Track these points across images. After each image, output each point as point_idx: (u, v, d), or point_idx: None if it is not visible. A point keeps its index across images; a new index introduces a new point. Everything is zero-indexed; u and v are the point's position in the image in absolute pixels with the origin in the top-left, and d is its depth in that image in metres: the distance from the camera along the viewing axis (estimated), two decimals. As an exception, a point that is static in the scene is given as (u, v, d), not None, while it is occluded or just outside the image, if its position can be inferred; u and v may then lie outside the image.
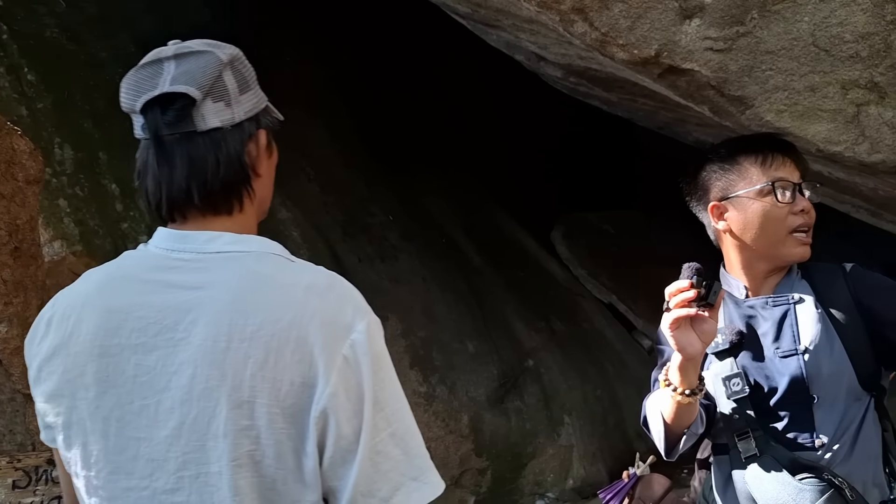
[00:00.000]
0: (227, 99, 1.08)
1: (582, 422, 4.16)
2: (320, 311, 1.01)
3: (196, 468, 0.99)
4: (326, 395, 0.98)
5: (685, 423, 1.62)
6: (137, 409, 1.00)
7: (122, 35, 3.39)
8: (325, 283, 1.06)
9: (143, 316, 1.02)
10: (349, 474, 0.99)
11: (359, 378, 1.01)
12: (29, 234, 2.25)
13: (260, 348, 0.98)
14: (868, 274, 1.65)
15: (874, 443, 1.59)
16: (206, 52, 1.09)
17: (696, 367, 1.54)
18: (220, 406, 0.98)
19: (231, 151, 1.08)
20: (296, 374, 0.98)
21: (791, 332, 1.62)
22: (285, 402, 0.98)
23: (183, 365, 0.99)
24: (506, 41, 3.31)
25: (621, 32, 2.07)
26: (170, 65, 1.06)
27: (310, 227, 3.49)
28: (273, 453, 0.98)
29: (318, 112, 4.16)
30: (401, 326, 3.60)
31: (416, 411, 3.69)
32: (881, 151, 2.00)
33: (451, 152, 5.07)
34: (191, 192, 1.06)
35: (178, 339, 1.00)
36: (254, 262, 1.06)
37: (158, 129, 1.05)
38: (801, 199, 1.64)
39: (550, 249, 5.16)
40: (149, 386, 1.00)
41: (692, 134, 3.39)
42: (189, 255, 1.05)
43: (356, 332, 1.02)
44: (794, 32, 1.94)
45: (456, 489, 3.73)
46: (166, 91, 1.04)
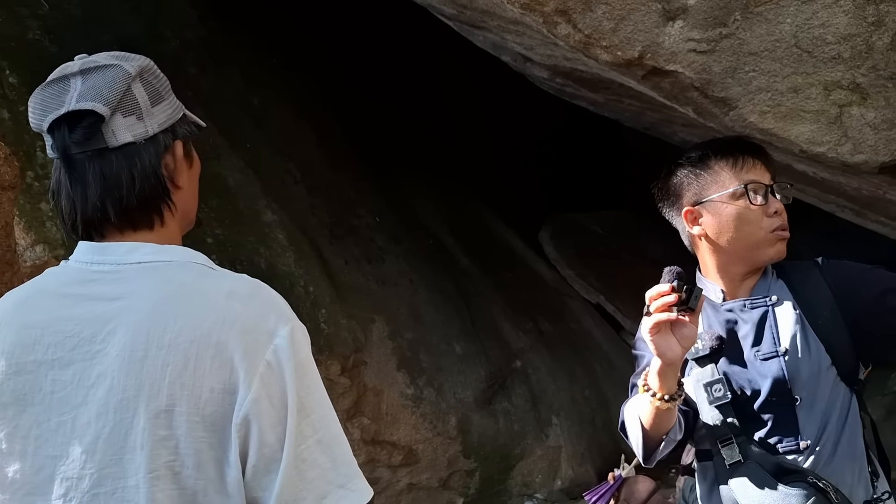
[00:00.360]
0: (139, 112, 1.06)
1: (570, 422, 4.16)
2: (242, 317, 1.00)
3: (112, 483, 0.96)
4: (248, 402, 0.96)
5: (664, 428, 1.62)
6: (55, 426, 0.98)
7: (105, 37, 3.36)
8: (247, 290, 1.04)
9: (60, 330, 1.00)
10: (273, 483, 0.97)
11: (283, 384, 0.98)
12: (4, 241, 2.23)
13: (179, 355, 0.96)
14: (838, 262, 1.68)
15: (857, 440, 1.60)
16: (113, 66, 1.06)
17: (676, 372, 1.55)
18: (137, 417, 0.96)
19: (146, 166, 1.06)
20: (216, 380, 0.96)
21: (771, 334, 1.63)
22: (205, 409, 0.96)
23: (100, 377, 0.97)
24: (492, 42, 3.30)
25: (605, 34, 2.07)
26: (76, 81, 1.05)
27: (296, 230, 3.48)
28: (193, 463, 0.96)
29: (304, 114, 4.15)
30: (388, 328, 3.59)
31: (403, 413, 3.71)
32: (863, 152, 2.01)
33: (438, 154, 5.07)
34: (106, 211, 1.04)
35: (95, 351, 0.98)
36: (174, 271, 1.05)
37: (67, 148, 1.03)
38: (774, 201, 1.65)
39: (538, 250, 5.16)
40: (66, 401, 0.98)
41: (678, 134, 3.40)
42: (109, 266, 1.04)
43: (279, 337, 1.00)
44: (777, 34, 1.95)
45: (444, 491, 3.72)
46: (72, 109, 1.02)
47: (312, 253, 3.47)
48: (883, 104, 1.94)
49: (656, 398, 1.54)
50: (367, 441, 3.39)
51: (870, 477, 1.58)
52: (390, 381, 3.48)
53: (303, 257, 3.36)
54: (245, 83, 3.85)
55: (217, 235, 3.11)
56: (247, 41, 4.08)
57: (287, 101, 4.08)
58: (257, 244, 3.21)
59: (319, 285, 3.34)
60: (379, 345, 3.50)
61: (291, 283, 3.20)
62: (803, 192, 3.20)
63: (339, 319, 3.32)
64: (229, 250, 3.10)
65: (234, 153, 3.45)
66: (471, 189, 5.15)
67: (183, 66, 3.58)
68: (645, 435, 1.64)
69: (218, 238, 3.10)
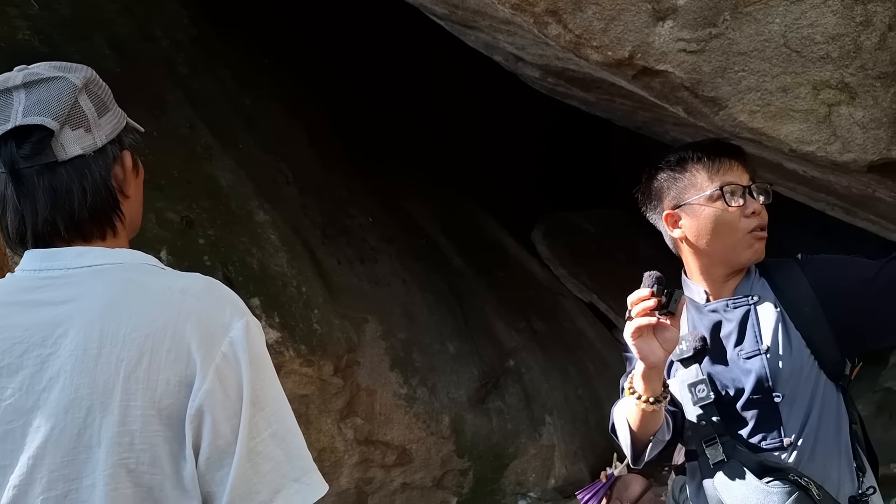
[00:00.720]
0: (87, 124, 1.05)
1: (563, 421, 4.17)
2: (197, 311, 1.00)
3: (64, 486, 0.95)
4: (203, 392, 0.96)
5: (650, 430, 1.64)
6: (1, 435, 0.96)
7: (96, 37, 3.35)
8: (201, 286, 1.05)
9: (7, 338, 0.99)
10: (226, 477, 0.97)
11: (238, 376, 0.99)
12: (-1, 241, 2.23)
13: (133, 350, 0.96)
14: (817, 257, 1.69)
15: (842, 435, 1.60)
16: (59, 78, 1.05)
17: (660, 374, 1.57)
18: (91, 415, 0.95)
19: (97, 178, 1.06)
20: (172, 373, 0.97)
21: (753, 332, 1.64)
22: (161, 402, 0.96)
23: (52, 380, 0.96)
24: (484, 42, 3.31)
25: (595, 34, 2.07)
26: (19, 94, 1.03)
27: (288, 230, 3.47)
28: (148, 459, 0.96)
29: (296, 115, 4.14)
30: (381, 328, 3.59)
31: (396, 413, 3.70)
32: (852, 151, 2.03)
33: (430, 153, 5.07)
34: (56, 225, 1.04)
35: (45, 354, 0.97)
36: (125, 271, 1.05)
37: (15, 162, 1.02)
38: (752, 202, 1.65)
39: (531, 249, 5.17)
40: (13, 409, 0.97)
41: (669, 133, 3.41)
42: (58, 272, 1.03)
43: (235, 329, 1.01)
44: (766, 34, 1.96)
45: (438, 490, 3.72)
46: (20, 124, 1.01)
47: (305, 253, 3.47)
48: (871, 103, 1.95)
49: (641, 401, 1.57)
50: (361, 441, 3.39)
51: (855, 472, 1.58)
52: (383, 380, 3.48)
53: (295, 258, 3.36)
54: (236, 83, 3.85)
55: (209, 236, 3.10)
56: (238, 41, 4.08)
57: (279, 101, 4.07)
58: (250, 245, 3.20)
59: (312, 285, 3.34)
60: (372, 345, 3.50)
61: (284, 284, 3.20)
62: (794, 191, 3.21)
63: (332, 319, 3.32)
64: (222, 251, 3.09)
65: (225, 154, 3.45)
66: (463, 189, 5.15)
67: (174, 67, 3.58)
68: (633, 436, 1.66)
69: (210, 239, 3.10)
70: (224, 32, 4.02)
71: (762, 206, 1.65)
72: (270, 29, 4.37)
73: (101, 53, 3.24)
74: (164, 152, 3.11)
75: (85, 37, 3.29)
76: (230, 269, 3.04)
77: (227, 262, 3.06)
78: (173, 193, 3.07)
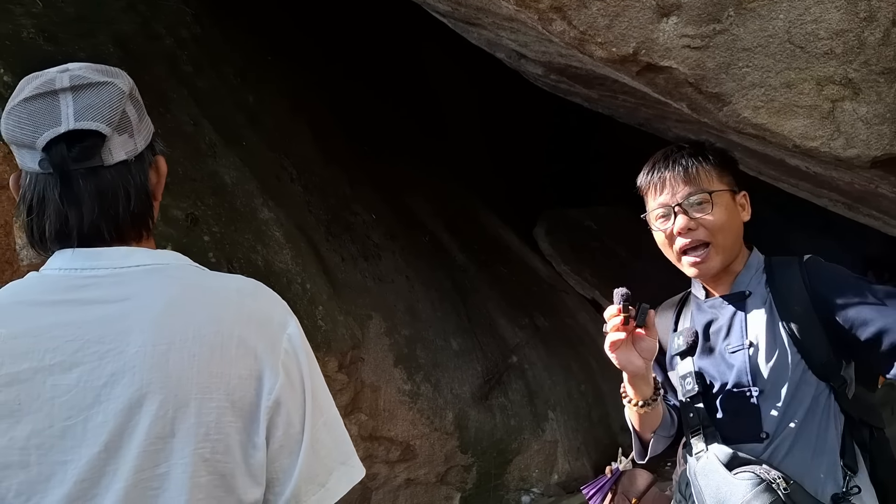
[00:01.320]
0: (130, 130, 1.08)
1: (566, 417, 4.19)
2: (256, 311, 1.07)
3: (138, 475, 0.97)
4: (279, 386, 1.03)
5: (650, 427, 1.76)
6: (59, 431, 0.97)
7: (100, 35, 3.36)
8: (252, 287, 1.11)
9: (58, 335, 0.99)
10: (296, 462, 1.04)
11: (299, 370, 1.07)
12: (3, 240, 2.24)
13: (204, 346, 1.00)
14: (825, 266, 1.68)
15: (829, 434, 1.59)
16: (107, 84, 1.06)
17: (646, 380, 1.68)
18: (163, 408, 0.97)
19: (138, 183, 1.08)
20: (242, 367, 1.01)
21: (740, 327, 1.67)
22: (234, 395, 1.00)
23: (115, 375, 0.98)
24: (487, 39, 3.31)
25: (599, 31, 2.08)
26: (66, 97, 1.04)
27: (293, 227, 3.48)
28: (222, 448, 1.00)
29: (300, 112, 4.15)
30: (384, 325, 3.60)
31: (400, 409, 3.71)
32: (856, 146, 2.03)
33: (433, 151, 5.08)
34: (100, 229, 1.05)
35: (105, 350, 0.98)
36: (175, 271, 1.08)
37: (66, 165, 1.02)
38: (679, 220, 1.66)
39: (533, 246, 5.18)
40: (71, 405, 0.97)
41: (672, 130, 3.42)
42: (105, 271, 1.04)
43: (290, 327, 1.08)
44: (770, 30, 1.96)
45: (441, 486, 3.74)
46: (75, 128, 1.02)
47: (309, 250, 3.48)
48: (875, 99, 1.96)
49: (632, 404, 1.72)
50: (365, 437, 3.40)
51: (843, 470, 1.56)
52: (387, 377, 3.50)
53: (299, 255, 3.37)
54: (240, 81, 3.86)
55: (214, 233, 3.11)
56: (241, 39, 4.09)
57: (282, 98, 4.08)
58: (254, 242, 3.22)
59: (316, 282, 3.35)
60: (376, 341, 3.51)
61: (288, 281, 3.21)
62: (796, 187, 3.22)
63: (337, 316, 3.33)
64: (226, 248, 3.11)
65: (230, 151, 3.46)
66: (466, 186, 5.16)
67: (178, 65, 3.59)
68: (636, 434, 1.79)
69: (215, 236, 3.11)
70: (227, 30, 4.03)
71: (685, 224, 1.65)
72: (273, 26, 4.38)
73: (105, 52, 3.25)
74: (169, 150, 3.12)
75: (89, 35, 3.29)
76: (235, 265, 3.05)
77: (232, 259, 3.07)
78: (178, 191, 3.09)
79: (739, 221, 1.71)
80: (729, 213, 1.67)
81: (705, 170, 1.69)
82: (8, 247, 2.22)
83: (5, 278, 2.19)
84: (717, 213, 1.65)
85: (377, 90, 4.80)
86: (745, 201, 1.74)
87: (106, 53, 3.24)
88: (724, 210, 1.66)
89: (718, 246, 1.66)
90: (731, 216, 1.68)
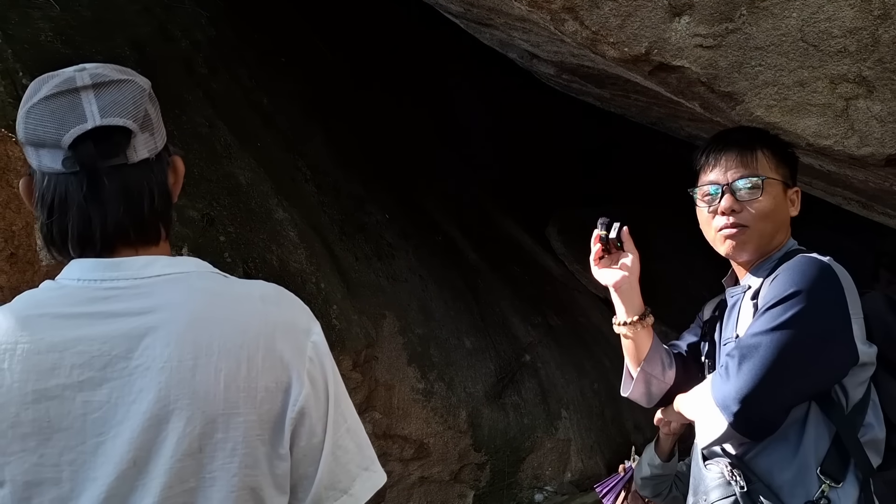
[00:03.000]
0: (152, 129, 1.07)
1: (579, 415, 4.19)
2: (281, 319, 1.05)
3: (165, 492, 0.96)
4: (304, 396, 1.02)
5: (636, 357, 1.87)
6: (92, 448, 0.96)
7: (116, 38, 3.40)
8: (275, 293, 1.09)
9: (85, 350, 0.97)
10: (316, 470, 1.04)
11: (324, 377, 1.06)
12: (25, 240, 2.28)
13: (231, 360, 0.99)
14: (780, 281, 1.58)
15: (806, 441, 1.55)
16: (128, 81, 1.05)
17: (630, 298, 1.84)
18: (190, 424, 0.96)
19: (160, 181, 1.08)
20: (269, 379, 1.01)
21: (734, 321, 1.69)
22: (261, 408, 1.00)
23: (143, 392, 0.96)
24: (499, 39, 3.33)
25: (612, 31, 2.09)
26: (88, 95, 1.01)
27: (307, 227, 3.51)
28: (250, 462, 0.99)
29: (313, 113, 4.18)
30: (398, 324, 3.62)
31: (414, 408, 3.73)
32: (870, 144, 2.03)
33: (446, 150, 5.09)
34: (125, 228, 1.04)
35: (133, 367, 0.97)
36: (198, 280, 1.06)
37: (94, 162, 1.00)
38: (725, 199, 1.68)
39: (546, 245, 5.18)
40: (103, 421, 0.96)
41: (684, 129, 3.41)
42: (126, 282, 1.02)
43: (315, 334, 1.07)
44: (783, 28, 1.96)
45: (455, 484, 3.75)
46: (102, 125, 1.00)
47: (323, 250, 3.51)
48: (889, 97, 1.95)
49: (616, 324, 1.88)
50: (379, 435, 3.42)
51: (819, 477, 1.52)
52: (401, 375, 3.52)
53: (314, 254, 3.39)
54: (255, 83, 3.89)
55: (230, 233, 3.14)
56: (256, 41, 4.12)
57: (296, 100, 4.11)
58: (269, 242, 3.24)
59: (331, 282, 3.38)
60: (390, 340, 3.53)
61: (303, 280, 3.24)
62: (810, 186, 3.21)
63: (351, 315, 3.36)
64: (242, 248, 3.14)
65: (244, 152, 3.49)
66: (479, 186, 5.17)
67: (193, 67, 3.62)
68: (626, 366, 1.92)
69: (230, 236, 3.14)
70: (241, 32, 4.06)
71: (730, 204, 1.67)
72: (287, 29, 4.41)
73: (122, 54, 3.29)
74: (185, 151, 3.16)
75: (106, 38, 3.33)
76: (250, 265, 3.08)
77: (248, 259, 3.10)
78: (194, 191, 3.12)
79: (785, 215, 1.72)
80: (776, 204, 1.68)
81: (763, 156, 1.71)
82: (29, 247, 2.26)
83: (26, 279, 2.23)
84: (765, 200, 1.67)
85: (390, 91, 4.82)
86: (797, 197, 1.76)
87: (122, 56, 3.28)
88: (771, 199, 1.68)
89: (756, 232, 1.67)
90: (777, 207, 1.68)
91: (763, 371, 1.47)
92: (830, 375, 1.53)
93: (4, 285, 2.20)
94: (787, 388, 1.50)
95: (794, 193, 1.74)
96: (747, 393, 1.48)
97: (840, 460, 1.53)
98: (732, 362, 1.53)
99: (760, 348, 1.50)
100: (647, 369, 1.85)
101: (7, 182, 2.25)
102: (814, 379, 1.53)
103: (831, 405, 1.55)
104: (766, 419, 1.51)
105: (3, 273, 2.19)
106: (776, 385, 1.48)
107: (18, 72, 3.07)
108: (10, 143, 2.33)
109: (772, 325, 1.51)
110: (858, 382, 1.56)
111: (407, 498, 3.60)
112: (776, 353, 1.48)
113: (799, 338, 1.49)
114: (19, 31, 3.15)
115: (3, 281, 2.20)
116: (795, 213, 1.75)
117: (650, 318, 1.85)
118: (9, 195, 2.25)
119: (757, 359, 1.49)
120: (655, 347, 1.86)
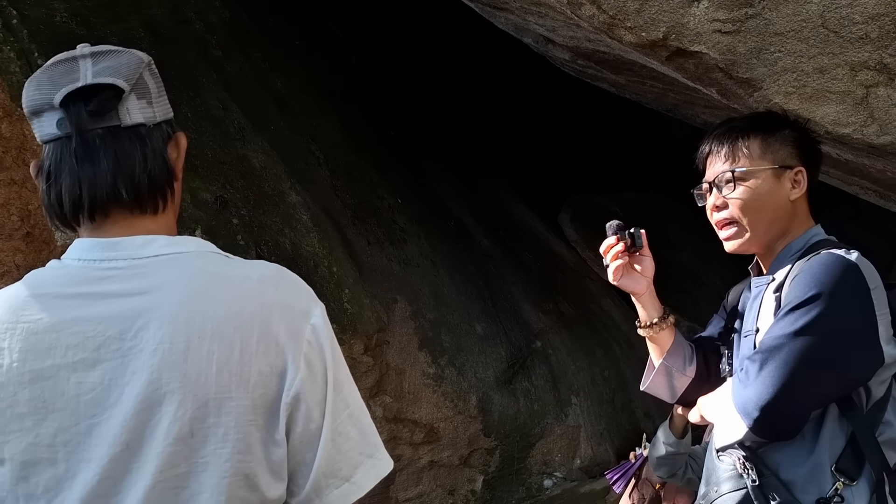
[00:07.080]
0: (149, 98, 1.07)
1: (589, 402, 4.20)
2: (279, 301, 1.02)
3: (158, 476, 0.96)
4: (299, 381, 1.00)
5: (659, 352, 1.87)
6: (86, 429, 0.96)
7: (131, 20, 3.40)
8: (275, 274, 1.06)
9: (79, 331, 0.97)
10: (314, 457, 1.01)
11: (323, 361, 1.03)
12: (41, 220, 2.30)
13: (224, 343, 0.97)
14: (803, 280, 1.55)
15: (821, 436, 1.54)
16: (126, 52, 1.08)
17: (651, 301, 1.82)
18: (182, 408, 0.95)
19: (155, 148, 1.07)
20: (263, 363, 0.99)
21: (754, 313, 1.68)
22: (254, 392, 0.98)
23: (136, 374, 0.96)
24: (514, 24, 3.30)
25: (629, 15, 2.06)
26: (85, 62, 1.04)
27: (319, 211, 3.51)
28: (243, 447, 0.98)
29: (327, 97, 4.17)
30: (410, 309, 3.63)
31: (425, 392, 3.75)
32: (890, 133, 2.00)
33: (458, 136, 5.08)
34: (118, 189, 1.03)
35: (126, 348, 0.96)
36: (195, 261, 1.04)
37: (82, 123, 1.01)
38: (711, 197, 1.71)
39: (558, 232, 5.17)
40: (96, 403, 0.96)
41: (700, 116, 3.38)
42: (123, 262, 1.02)
43: (314, 316, 1.04)
44: (803, 14, 1.93)
45: (465, 468, 3.77)
46: (91, 83, 1.02)
47: (336, 234, 3.51)
48: (910, 85, 1.93)
49: (641, 326, 1.86)
50: (390, 419, 3.44)
51: (832, 475, 1.51)
52: (412, 360, 3.53)
53: (326, 238, 3.40)
54: (269, 66, 3.88)
55: (243, 216, 3.15)
56: (270, 24, 4.11)
57: (310, 83, 4.10)
58: (282, 225, 3.25)
59: (343, 266, 3.39)
60: (401, 324, 3.54)
61: (315, 264, 3.25)
62: (826, 174, 3.18)
63: (363, 299, 3.37)
64: (255, 231, 3.15)
65: (258, 135, 3.49)
66: (491, 171, 5.16)
67: (207, 49, 3.62)
68: (650, 361, 1.92)
69: (244, 219, 3.15)
70: (255, 15, 4.05)
71: (714, 201, 1.70)
72: (301, 12, 4.39)
73: (136, 36, 3.29)
74: (199, 133, 3.16)
75: (121, 19, 3.34)
76: (263, 248, 3.09)
77: (260, 242, 3.11)
78: (207, 174, 3.13)
79: (781, 201, 1.65)
80: (758, 193, 1.64)
81: (745, 145, 1.68)
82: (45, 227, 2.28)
83: (42, 258, 2.25)
84: (741, 192, 1.64)
85: (402, 77, 4.80)
86: (801, 177, 1.69)
87: (137, 38, 3.28)
88: (751, 190, 1.64)
89: (746, 225, 1.65)
90: (762, 195, 1.64)
91: (784, 377, 1.46)
92: (853, 381, 1.51)
93: (21, 264, 2.22)
94: (808, 395, 1.48)
95: (796, 174, 1.68)
96: (768, 399, 1.46)
97: (855, 458, 1.51)
98: (753, 367, 1.51)
99: (782, 353, 1.48)
100: (668, 363, 1.85)
101: (24, 161, 2.27)
102: (835, 386, 1.51)
103: (850, 403, 1.53)
104: (786, 424, 1.50)
105: (20, 252, 2.21)
106: (796, 392, 1.46)
107: (34, 52, 3.08)
108: (27, 123, 2.35)
109: (793, 328, 1.48)
110: (881, 381, 1.54)
111: (416, 482, 3.62)
112: (797, 359, 1.46)
113: (821, 345, 1.47)
114: (34, 11, 3.16)
115: (20, 260, 2.22)
116: (800, 194, 1.68)
117: (671, 317, 1.85)
118: (25, 174, 2.26)
119: (778, 364, 1.47)
120: (678, 343, 1.85)
